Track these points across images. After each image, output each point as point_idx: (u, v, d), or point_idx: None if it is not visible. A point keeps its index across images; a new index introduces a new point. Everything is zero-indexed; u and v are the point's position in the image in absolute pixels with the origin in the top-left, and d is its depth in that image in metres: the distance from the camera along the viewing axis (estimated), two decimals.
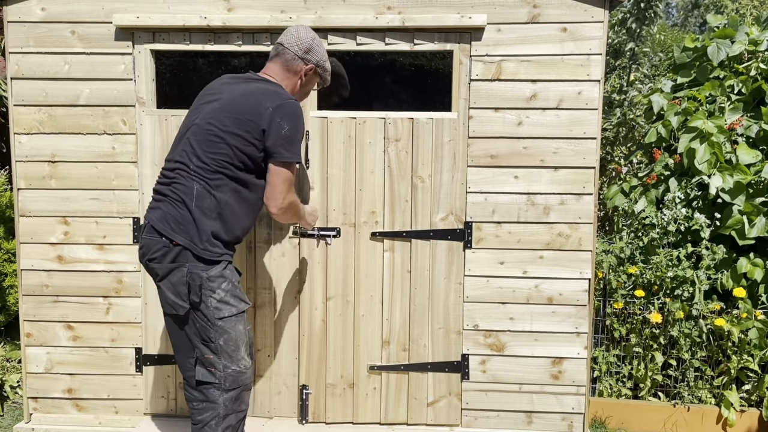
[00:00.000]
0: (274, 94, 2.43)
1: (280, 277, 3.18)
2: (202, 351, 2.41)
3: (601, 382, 3.62)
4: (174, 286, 2.36)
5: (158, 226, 2.36)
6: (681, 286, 3.58)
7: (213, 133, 2.37)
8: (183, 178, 2.37)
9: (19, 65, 3.11)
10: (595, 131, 3.03)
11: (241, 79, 2.53)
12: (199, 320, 2.38)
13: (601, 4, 2.97)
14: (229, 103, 2.40)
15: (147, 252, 2.41)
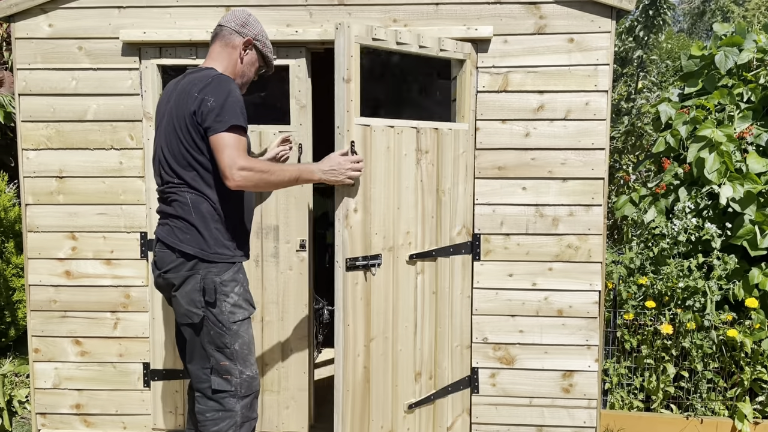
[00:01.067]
0: (202, 78, 2.36)
1: (288, 291, 3.17)
2: (218, 358, 2.39)
3: (613, 394, 3.58)
4: (188, 294, 2.36)
5: (168, 240, 2.39)
6: (692, 297, 3.54)
7: (175, 145, 2.36)
8: (176, 194, 2.39)
9: (27, 81, 3.13)
10: (604, 142, 3.01)
11: (179, 80, 2.48)
12: (213, 327, 2.37)
13: (608, 14, 2.95)
14: (172, 111, 2.38)
15: (161, 265, 2.43)
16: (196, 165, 2.34)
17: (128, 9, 3.07)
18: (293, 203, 3.12)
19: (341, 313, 2.59)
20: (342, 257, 2.57)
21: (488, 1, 2.97)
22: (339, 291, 2.59)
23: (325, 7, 3.02)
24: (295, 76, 3.08)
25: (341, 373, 2.62)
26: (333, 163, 2.47)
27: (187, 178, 2.35)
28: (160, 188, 2.46)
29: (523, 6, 2.97)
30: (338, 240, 2.57)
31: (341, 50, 2.51)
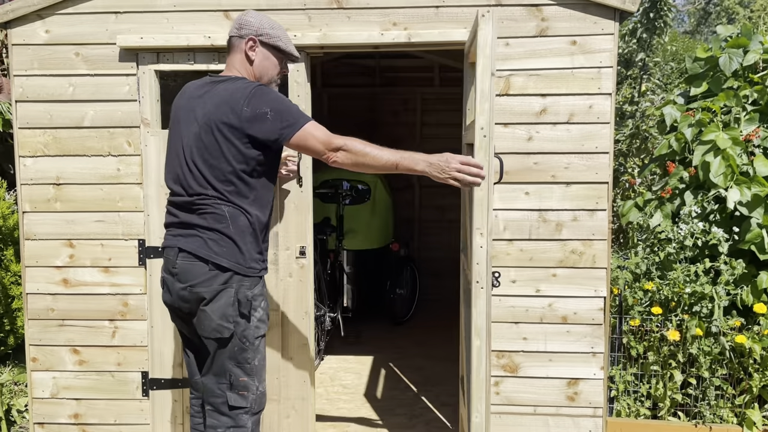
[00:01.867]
0: (240, 90, 2.30)
1: (288, 298, 3.12)
2: (237, 374, 2.34)
3: (619, 401, 3.52)
4: (221, 309, 2.29)
5: (200, 252, 2.29)
6: (699, 302, 3.48)
7: (215, 157, 2.28)
8: (211, 207, 2.30)
9: (23, 88, 3.10)
10: (608, 145, 2.96)
11: (205, 87, 2.38)
12: (238, 342, 2.32)
13: (611, 16, 2.91)
14: (208, 119, 2.29)
15: (189, 277, 2.30)
16: (235, 179, 2.29)
17: (125, 14, 3.04)
18: (293, 209, 3.08)
19: (483, 334, 2.39)
20: (487, 274, 2.36)
21: (489, 4, 2.93)
22: (482, 314, 2.39)
23: (324, 11, 2.98)
24: (294, 81, 3.04)
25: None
26: (443, 159, 2.27)
27: (224, 190, 2.29)
28: (187, 198, 2.33)
29: (524, 8, 2.93)
30: (480, 255, 2.37)
31: (488, 42, 2.29)
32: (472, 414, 2.42)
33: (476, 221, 2.35)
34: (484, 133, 2.31)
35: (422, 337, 5.15)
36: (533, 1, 2.92)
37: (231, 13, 3.00)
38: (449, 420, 3.58)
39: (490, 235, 2.38)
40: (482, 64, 2.31)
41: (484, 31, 2.30)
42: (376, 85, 6.30)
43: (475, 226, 2.36)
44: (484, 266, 2.36)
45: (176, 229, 2.38)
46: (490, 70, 2.30)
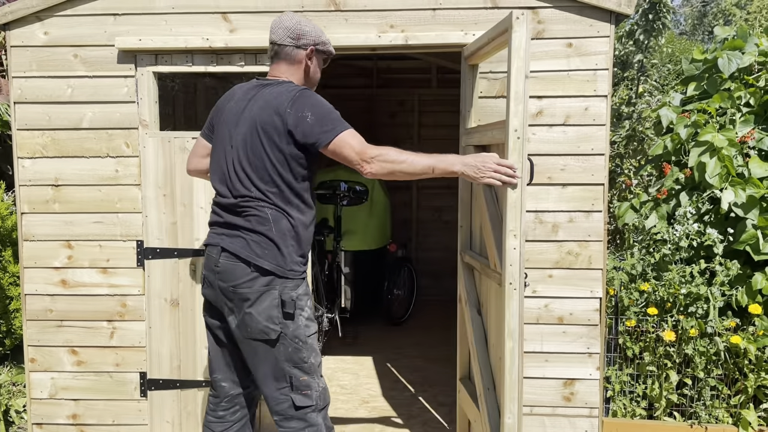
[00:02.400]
0: (285, 93, 2.31)
1: None
2: (296, 375, 2.33)
3: (615, 401, 3.54)
4: (266, 310, 2.29)
5: (243, 253, 2.29)
6: (695, 303, 3.50)
7: (260, 160, 2.29)
8: (255, 209, 2.31)
9: (22, 89, 3.11)
10: (603, 147, 2.98)
11: (253, 90, 2.40)
12: (291, 343, 2.32)
13: (607, 18, 2.93)
14: (255, 125, 2.31)
15: (231, 278, 2.30)
16: (280, 181, 2.29)
17: (124, 16, 3.05)
18: None
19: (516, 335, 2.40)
20: (520, 276, 2.37)
21: (485, 6, 2.95)
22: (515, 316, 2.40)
23: (322, 13, 3.00)
24: None
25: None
26: (478, 159, 2.29)
27: (269, 193, 2.30)
28: (232, 200, 2.34)
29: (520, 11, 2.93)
30: (513, 257, 2.37)
31: (522, 44, 2.29)
32: (504, 415, 2.43)
33: (510, 223, 2.36)
34: (518, 135, 2.32)
35: (420, 338, 5.17)
36: (530, 4, 2.94)
37: (229, 15, 3.02)
38: (446, 420, 3.60)
39: (524, 237, 2.39)
40: (516, 66, 2.29)
41: (519, 33, 2.28)
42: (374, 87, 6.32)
43: (509, 228, 2.36)
44: (517, 268, 2.36)
45: (220, 229, 2.38)
46: (524, 72, 2.29)
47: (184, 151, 3.08)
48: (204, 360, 3.17)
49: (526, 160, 2.36)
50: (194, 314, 3.16)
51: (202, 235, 3.12)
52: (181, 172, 3.09)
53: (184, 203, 3.11)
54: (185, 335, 3.17)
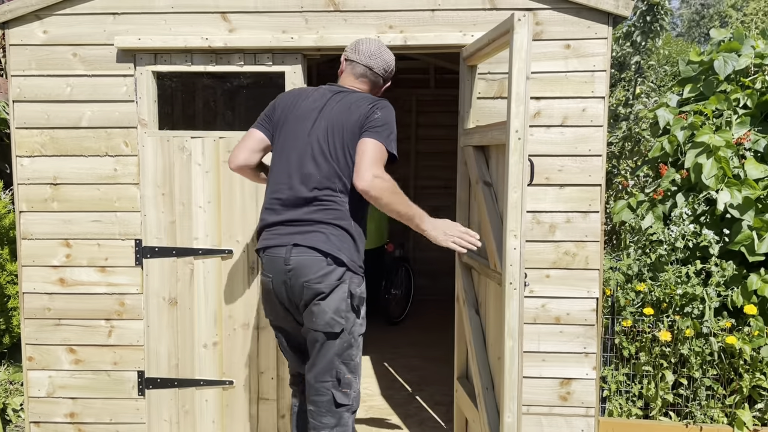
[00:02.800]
0: (367, 98, 2.46)
1: None
2: (342, 372, 2.38)
3: (611, 401, 3.55)
4: (336, 303, 2.34)
5: (323, 246, 2.34)
6: (690, 304, 3.52)
7: (342, 156, 2.38)
8: (335, 203, 2.38)
9: (21, 88, 3.11)
10: (601, 148, 2.99)
11: (330, 93, 2.50)
12: (347, 338, 2.38)
13: (605, 20, 2.94)
14: (336, 121, 2.40)
15: (307, 272, 2.33)
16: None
17: (123, 15, 3.06)
18: None
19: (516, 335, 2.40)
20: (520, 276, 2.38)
21: (484, 8, 2.96)
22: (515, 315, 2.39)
23: (321, 13, 3.01)
24: (291, 83, 3.07)
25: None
26: (446, 225, 2.43)
27: (350, 193, 2.39)
28: (308, 194, 2.38)
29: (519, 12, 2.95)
30: (513, 257, 2.39)
31: (523, 45, 2.30)
32: (504, 414, 2.44)
33: (510, 223, 2.38)
34: (519, 135, 2.34)
35: (417, 338, 5.18)
36: (528, 6, 2.95)
37: (228, 15, 3.02)
38: (443, 419, 3.61)
39: (524, 237, 2.40)
40: (518, 67, 2.30)
41: (520, 34, 2.29)
42: None
43: (509, 228, 2.38)
44: (517, 268, 2.38)
45: (285, 227, 2.40)
46: (526, 73, 2.30)
47: (183, 150, 3.09)
48: (202, 360, 3.18)
49: (526, 161, 2.38)
50: (192, 313, 3.16)
51: (201, 234, 3.12)
52: (180, 172, 3.10)
53: (183, 202, 3.12)
54: (183, 334, 3.18)
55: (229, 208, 3.12)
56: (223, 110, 4.92)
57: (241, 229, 3.12)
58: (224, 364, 3.19)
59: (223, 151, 3.08)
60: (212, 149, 3.09)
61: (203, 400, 3.20)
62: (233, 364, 3.19)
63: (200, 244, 3.13)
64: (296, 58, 3.05)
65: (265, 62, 3.06)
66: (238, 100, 5.03)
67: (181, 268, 3.15)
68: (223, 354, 3.19)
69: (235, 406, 3.20)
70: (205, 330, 3.18)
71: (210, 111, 4.80)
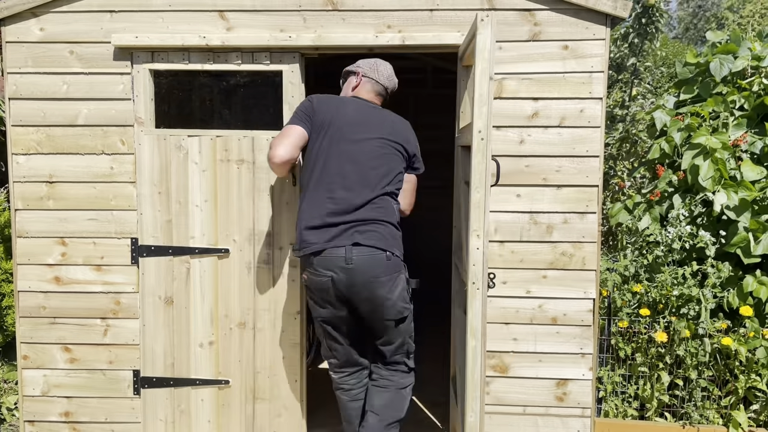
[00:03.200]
0: (404, 122, 2.88)
1: (279, 298, 3.14)
2: (410, 344, 2.88)
3: (607, 402, 3.56)
4: (401, 292, 2.70)
5: (381, 244, 2.63)
6: (687, 305, 3.53)
7: (395, 163, 2.74)
8: (388, 203, 2.71)
9: (17, 85, 3.10)
10: (598, 149, 3.00)
11: (369, 106, 2.81)
12: (410, 319, 2.82)
13: (603, 21, 2.94)
14: (389, 134, 2.74)
15: (374, 269, 2.61)
16: (396, 186, 2.76)
17: (120, 13, 3.05)
18: (285, 209, 3.10)
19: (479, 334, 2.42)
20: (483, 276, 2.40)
21: (483, 8, 2.96)
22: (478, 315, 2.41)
23: (319, 12, 3.00)
24: (289, 82, 3.06)
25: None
26: None
27: (395, 193, 2.76)
28: (369, 195, 2.64)
29: (517, 13, 2.96)
30: (476, 256, 2.39)
31: (486, 46, 2.32)
32: (466, 413, 2.45)
33: (473, 223, 2.39)
34: (482, 136, 2.35)
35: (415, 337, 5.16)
36: (527, 6, 2.95)
37: (226, 14, 3.01)
38: (440, 420, 3.60)
39: (487, 237, 2.40)
40: (481, 68, 2.33)
41: (483, 35, 2.32)
42: None
43: (472, 228, 2.39)
44: (480, 267, 2.38)
45: (342, 227, 2.61)
46: (489, 74, 2.33)
47: (180, 148, 3.08)
48: (198, 359, 3.17)
49: (490, 161, 2.41)
50: (188, 312, 3.15)
51: (198, 233, 3.11)
52: (176, 170, 3.09)
53: (180, 201, 3.11)
54: (179, 333, 3.17)
55: (225, 207, 3.11)
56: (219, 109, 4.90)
57: (238, 228, 3.12)
58: (220, 364, 3.18)
59: (220, 150, 3.08)
60: (209, 148, 3.08)
61: (199, 400, 3.20)
62: (229, 363, 3.18)
63: (197, 243, 3.12)
64: (294, 57, 3.05)
65: (263, 61, 3.05)
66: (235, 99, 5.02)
67: (177, 267, 3.14)
68: (219, 353, 3.18)
69: (231, 406, 3.19)
70: (201, 329, 3.17)
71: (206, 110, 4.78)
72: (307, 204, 2.66)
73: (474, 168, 2.37)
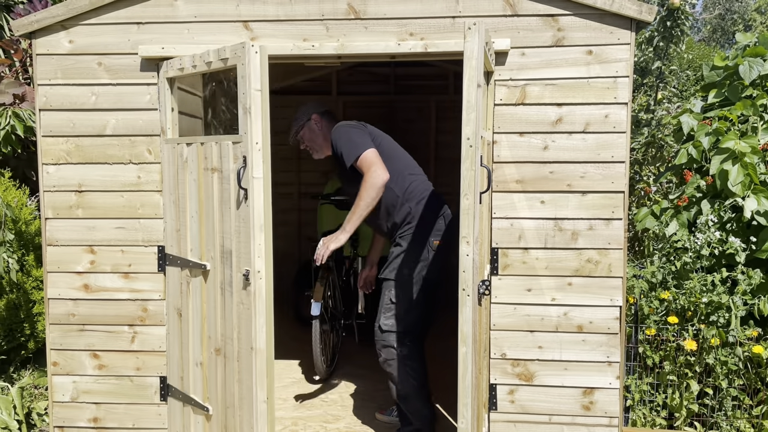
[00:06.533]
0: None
1: (240, 326, 2.81)
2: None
3: (634, 411, 3.51)
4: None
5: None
6: (716, 312, 3.46)
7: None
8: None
9: (47, 97, 3.16)
10: (624, 155, 2.96)
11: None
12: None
13: (628, 26, 2.92)
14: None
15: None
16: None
17: (147, 25, 3.10)
18: (242, 226, 2.74)
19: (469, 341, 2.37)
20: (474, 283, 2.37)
21: (505, 14, 2.95)
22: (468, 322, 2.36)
23: (342, 21, 3.02)
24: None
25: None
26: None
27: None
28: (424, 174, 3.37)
29: (540, 18, 2.94)
30: (466, 263, 2.36)
31: (474, 53, 2.33)
32: (458, 420, 2.42)
33: (463, 230, 2.37)
34: (471, 143, 2.35)
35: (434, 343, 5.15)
36: (550, 12, 2.93)
37: (251, 24, 3.05)
38: None
39: (477, 244, 2.40)
40: (468, 75, 2.35)
41: (471, 42, 2.34)
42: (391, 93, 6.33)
43: (462, 235, 2.37)
44: (470, 274, 2.37)
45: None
46: (476, 81, 2.34)
47: (181, 156, 3.03)
48: (195, 378, 3.07)
49: (479, 168, 2.40)
50: (188, 327, 3.05)
51: (192, 245, 3.00)
52: (181, 178, 3.02)
53: (183, 210, 3.04)
54: (185, 348, 3.08)
55: (206, 219, 2.95)
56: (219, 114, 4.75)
57: (212, 243, 2.92)
58: (208, 388, 3.03)
59: (202, 157, 2.93)
60: (196, 155, 2.96)
61: (196, 422, 3.11)
62: (211, 389, 3.01)
63: (191, 256, 3.02)
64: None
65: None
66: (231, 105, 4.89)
67: (183, 279, 3.09)
68: (206, 377, 3.03)
69: None
70: (196, 348, 3.05)
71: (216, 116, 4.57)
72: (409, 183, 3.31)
73: (463, 175, 2.36)
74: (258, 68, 2.63)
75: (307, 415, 3.74)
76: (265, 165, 2.67)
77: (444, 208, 3.29)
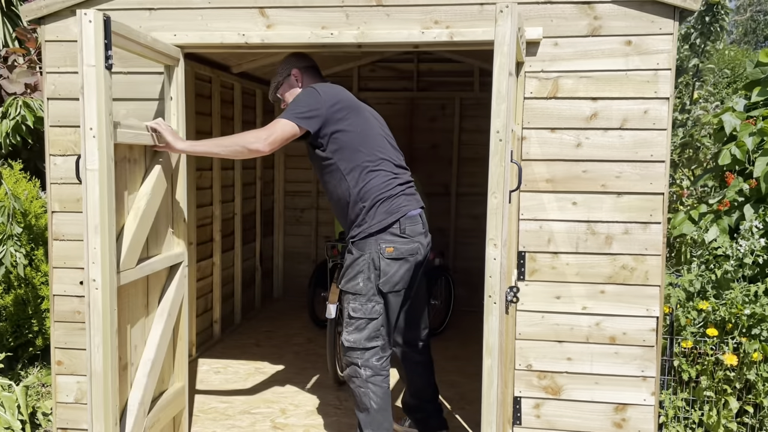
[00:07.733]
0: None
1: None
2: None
3: (668, 428, 3.29)
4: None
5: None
6: (759, 325, 3.23)
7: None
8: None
9: (55, 85, 3.05)
10: (664, 154, 2.75)
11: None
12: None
13: (670, 14, 2.70)
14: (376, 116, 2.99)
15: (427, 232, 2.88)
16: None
17: (159, 11, 2.96)
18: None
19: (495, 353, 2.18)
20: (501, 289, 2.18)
21: (537, 1, 2.76)
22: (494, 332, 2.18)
23: (363, 8, 2.85)
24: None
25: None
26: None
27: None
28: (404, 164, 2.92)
29: (575, 6, 2.74)
30: (494, 268, 2.17)
31: (506, 39, 2.13)
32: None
33: (490, 231, 2.16)
34: (500, 137, 2.14)
35: (456, 351, 4.96)
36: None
37: (266, 10, 2.89)
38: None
39: (505, 247, 2.20)
40: (499, 63, 2.14)
41: (503, 26, 2.13)
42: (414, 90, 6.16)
43: (489, 237, 2.16)
44: (497, 280, 2.16)
45: (410, 190, 2.86)
46: (508, 69, 2.13)
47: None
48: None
49: (509, 164, 2.20)
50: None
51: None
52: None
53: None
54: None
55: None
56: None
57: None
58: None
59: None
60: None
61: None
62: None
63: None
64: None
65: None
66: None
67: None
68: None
69: None
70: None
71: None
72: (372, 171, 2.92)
73: (491, 171, 2.15)
74: (92, 39, 2.25)
75: (319, 422, 3.58)
76: (101, 153, 2.29)
77: (404, 211, 2.80)
